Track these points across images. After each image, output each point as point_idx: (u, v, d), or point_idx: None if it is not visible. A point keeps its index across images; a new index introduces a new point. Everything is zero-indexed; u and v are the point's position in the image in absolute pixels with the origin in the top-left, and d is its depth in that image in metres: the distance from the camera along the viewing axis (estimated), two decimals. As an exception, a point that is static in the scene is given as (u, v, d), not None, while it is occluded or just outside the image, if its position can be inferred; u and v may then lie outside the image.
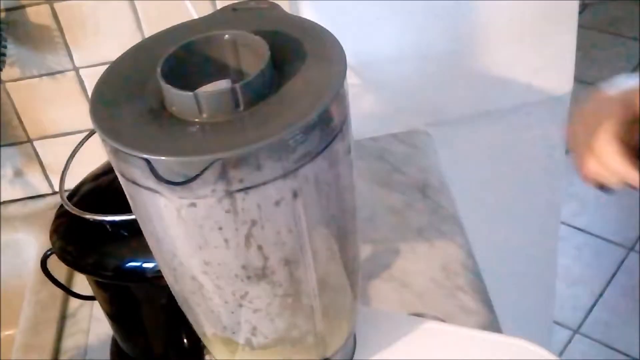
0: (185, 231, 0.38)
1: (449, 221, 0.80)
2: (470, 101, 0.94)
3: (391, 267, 0.75)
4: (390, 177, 0.87)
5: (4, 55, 0.76)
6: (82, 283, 0.73)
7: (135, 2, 0.78)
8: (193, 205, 0.36)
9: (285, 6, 0.73)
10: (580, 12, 0.90)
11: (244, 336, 0.44)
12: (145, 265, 0.56)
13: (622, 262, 1.85)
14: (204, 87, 0.40)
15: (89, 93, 0.83)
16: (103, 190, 0.61)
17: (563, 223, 1.92)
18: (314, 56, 0.39)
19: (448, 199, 0.83)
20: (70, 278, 0.79)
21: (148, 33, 0.80)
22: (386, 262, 0.76)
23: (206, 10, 0.78)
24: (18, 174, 0.89)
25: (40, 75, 0.82)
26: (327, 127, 0.37)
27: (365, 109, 0.92)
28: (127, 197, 0.40)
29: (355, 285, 0.48)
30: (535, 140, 1.01)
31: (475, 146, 0.99)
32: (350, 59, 0.38)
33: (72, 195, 0.61)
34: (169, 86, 0.37)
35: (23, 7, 0.77)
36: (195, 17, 0.69)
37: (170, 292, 0.46)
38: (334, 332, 0.48)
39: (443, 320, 0.57)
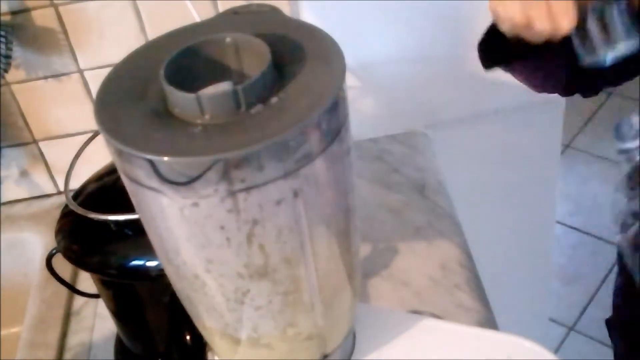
0: (188, 230, 0.38)
1: (446, 220, 0.80)
2: (467, 102, 0.94)
3: (390, 266, 0.75)
4: (389, 177, 0.86)
5: (10, 57, 0.76)
6: (86, 281, 0.73)
7: (139, 5, 0.78)
8: (196, 205, 0.36)
9: (286, 9, 0.73)
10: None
11: (245, 333, 0.44)
12: (149, 263, 0.56)
13: (617, 261, 1.84)
14: (206, 89, 0.40)
15: (94, 95, 0.82)
16: (107, 190, 0.61)
17: (558, 222, 1.89)
18: (314, 59, 0.39)
19: (446, 198, 0.83)
20: (74, 276, 0.79)
21: (151, 35, 0.80)
22: (385, 260, 0.76)
23: (208, 13, 0.78)
24: (24, 174, 0.89)
25: (46, 77, 0.82)
26: (327, 128, 0.37)
27: (364, 111, 0.91)
28: (131, 196, 0.40)
29: (354, 283, 0.48)
30: (531, 140, 1.01)
31: (472, 147, 0.99)
32: (349, 62, 0.38)
33: (77, 195, 0.61)
34: (172, 88, 0.37)
35: (28, 10, 0.77)
36: (198, 20, 0.70)
37: (173, 290, 0.46)
38: (333, 330, 0.48)
39: (441, 318, 0.57)
